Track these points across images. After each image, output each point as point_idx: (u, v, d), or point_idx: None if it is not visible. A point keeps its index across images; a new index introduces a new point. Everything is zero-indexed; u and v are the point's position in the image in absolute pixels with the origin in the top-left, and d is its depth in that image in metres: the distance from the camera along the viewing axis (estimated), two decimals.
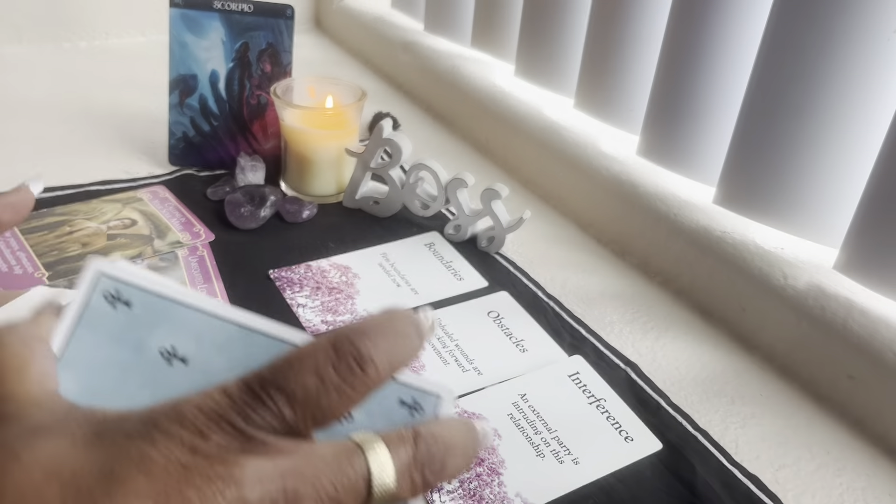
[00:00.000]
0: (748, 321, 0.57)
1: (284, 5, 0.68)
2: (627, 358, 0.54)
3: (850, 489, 0.46)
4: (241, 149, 0.72)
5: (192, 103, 0.70)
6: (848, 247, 0.52)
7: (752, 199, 0.57)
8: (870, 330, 0.49)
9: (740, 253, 0.57)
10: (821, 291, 0.52)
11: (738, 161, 0.58)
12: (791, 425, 0.50)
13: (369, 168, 0.66)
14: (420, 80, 0.93)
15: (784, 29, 0.52)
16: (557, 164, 0.73)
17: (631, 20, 0.66)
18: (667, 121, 0.64)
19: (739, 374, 0.54)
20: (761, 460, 0.47)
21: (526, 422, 0.47)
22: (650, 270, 0.65)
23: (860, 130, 0.51)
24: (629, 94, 0.68)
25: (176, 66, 0.69)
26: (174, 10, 0.68)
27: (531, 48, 0.78)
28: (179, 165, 0.72)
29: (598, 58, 0.70)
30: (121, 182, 0.68)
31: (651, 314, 0.60)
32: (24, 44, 0.95)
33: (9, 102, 0.82)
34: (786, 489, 0.45)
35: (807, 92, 0.52)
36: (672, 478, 0.45)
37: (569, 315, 0.58)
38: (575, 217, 0.72)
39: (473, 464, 0.31)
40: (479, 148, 0.84)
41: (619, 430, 0.47)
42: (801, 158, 0.53)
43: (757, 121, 0.55)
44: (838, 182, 0.53)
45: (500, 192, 0.62)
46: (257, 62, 0.70)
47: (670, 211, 0.62)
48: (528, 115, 0.77)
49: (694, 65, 0.60)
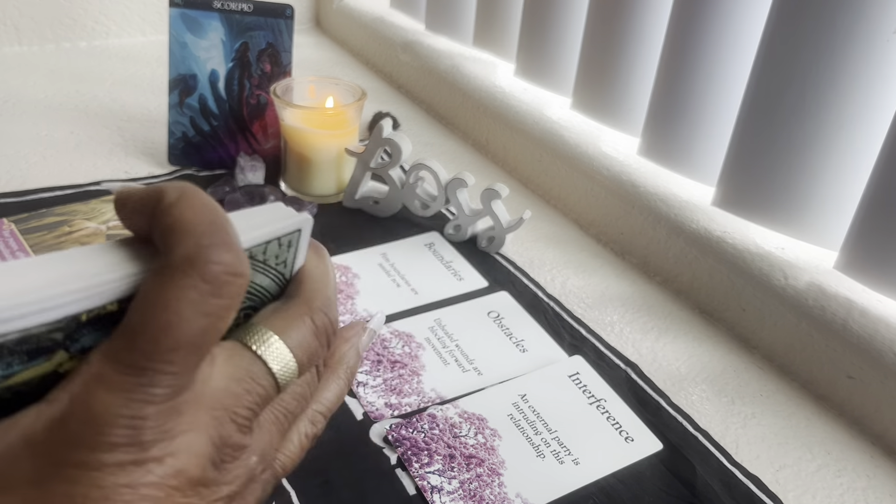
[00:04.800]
0: (748, 321, 0.57)
1: (284, 5, 0.68)
2: (627, 358, 0.54)
3: (850, 489, 0.46)
4: (241, 149, 0.72)
5: (192, 103, 0.70)
6: (848, 247, 0.52)
7: (751, 201, 0.57)
8: (869, 330, 0.49)
9: (740, 253, 0.57)
10: (821, 292, 0.52)
11: (737, 162, 0.58)
12: (791, 425, 0.50)
13: (369, 168, 0.66)
14: (420, 79, 0.93)
15: (784, 29, 0.52)
16: (558, 164, 0.73)
17: (631, 21, 0.66)
18: (667, 121, 0.64)
19: (740, 373, 0.54)
20: (761, 460, 0.47)
21: (526, 422, 0.47)
22: (650, 270, 0.65)
23: (860, 131, 0.51)
24: (628, 95, 0.68)
25: (176, 65, 0.69)
26: (174, 9, 0.68)
27: (532, 47, 0.78)
28: (179, 165, 0.72)
29: (596, 58, 0.70)
30: (121, 182, 0.68)
31: (651, 314, 0.60)
32: (24, 44, 0.95)
33: (9, 102, 0.82)
34: (786, 489, 0.45)
35: (806, 93, 0.52)
36: (672, 478, 0.45)
37: (569, 315, 0.58)
38: (575, 217, 0.72)
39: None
40: (479, 148, 0.84)
41: (620, 431, 0.47)
42: (801, 159, 0.53)
43: (756, 121, 0.55)
44: (838, 184, 0.53)
45: (501, 191, 0.62)
46: (257, 62, 0.70)
47: (670, 211, 0.62)
48: (528, 114, 0.77)
49: (694, 65, 0.60)
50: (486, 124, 0.82)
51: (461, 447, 0.45)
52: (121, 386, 0.21)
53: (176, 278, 0.21)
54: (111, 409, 0.20)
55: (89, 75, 0.90)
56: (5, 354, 0.21)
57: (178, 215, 0.22)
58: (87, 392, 0.21)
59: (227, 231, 0.22)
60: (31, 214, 0.61)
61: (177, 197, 0.22)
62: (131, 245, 0.23)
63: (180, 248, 0.21)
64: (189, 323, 0.21)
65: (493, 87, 0.82)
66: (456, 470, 0.43)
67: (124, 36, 1.02)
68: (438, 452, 0.44)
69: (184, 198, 0.22)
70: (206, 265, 0.21)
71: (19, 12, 0.94)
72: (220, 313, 0.22)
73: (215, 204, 0.23)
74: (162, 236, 0.22)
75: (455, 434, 0.45)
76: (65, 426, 0.21)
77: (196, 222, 0.22)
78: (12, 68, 0.90)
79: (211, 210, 0.22)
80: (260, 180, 0.69)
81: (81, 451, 0.20)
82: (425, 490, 0.42)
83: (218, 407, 0.23)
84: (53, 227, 0.60)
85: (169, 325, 0.21)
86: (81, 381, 0.21)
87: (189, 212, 0.22)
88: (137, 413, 0.21)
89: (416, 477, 0.43)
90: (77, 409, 0.21)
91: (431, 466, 0.43)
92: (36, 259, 0.22)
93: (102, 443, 0.20)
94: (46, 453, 0.20)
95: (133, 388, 0.21)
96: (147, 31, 1.02)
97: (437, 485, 0.42)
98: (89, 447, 0.20)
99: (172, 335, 0.21)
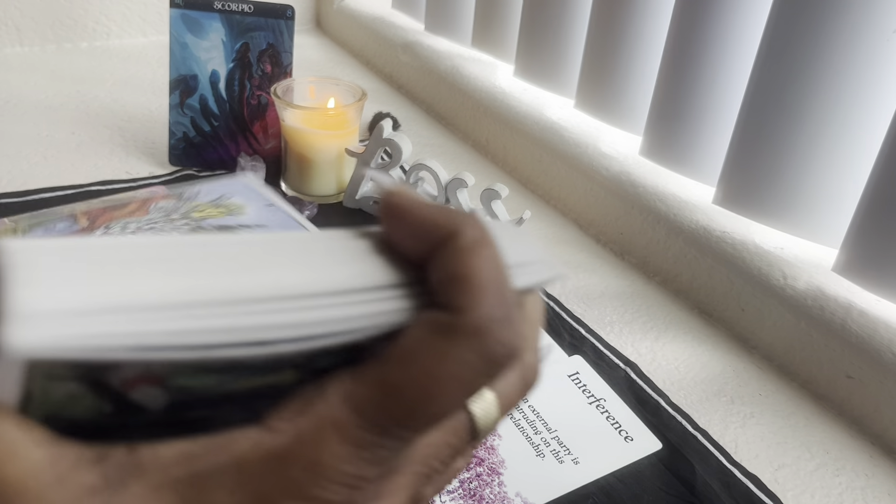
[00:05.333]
0: (747, 321, 0.57)
1: (285, 6, 0.68)
2: (627, 358, 0.54)
3: (849, 488, 0.46)
4: (242, 149, 0.72)
5: (193, 104, 0.70)
6: (847, 248, 0.52)
7: (751, 199, 0.58)
8: (868, 330, 0.50)
9: (740, 253, 0.57)
10: (820, 292, 0.53)
11: (738, 161, 0.58)
12: (790, 425, 0.51)
13: (369, 168, 0.66)
14: (420, 80, 0.93)
15: (784, 29, 0.52)
16: (557, 164, 0.73)
17: (632, 21, 0.66)
18: (668, 121, 0.64)
19: (739, 373, 0.55)
20: (760, 460, 0.47)
21: (526, 422, 0.47)
22: (649, 270, 0.65)
23: (860, 130, 0.51)
24: (630, 94, 0.68)
25: (176, 66, 0.69)
26: (175, 10, 0.68)
27: (531, 48, 0.78)
28: (180, 166, 0.72)
29: (598, 58, 0.70)
30: (121, 182, 0.68)
31: (650, 314, 0.60)
32: (25, 44, 0.96)
33: (10, 102, 0.82)
34: (785, 488, 0.45)
35: (807, 92, 0.52)
36: (672, 477, 0.45)
37: (568, 315, 0.58)
38: (575, 217, 0.72)
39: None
40: (479, 148, 0.84)
41: (619, 430, 0.47)
42: (801, 158, 0.53)
43: (757, 120, 0.55)
44: (838, 182, 0.53)
45: (500, 192, 0.62)
46: (258, 62, 0.70)
47: (670, 211, 0.63)
48: (528, 115, 0.77)
49: (695, 65, 0.60)
50: (485, 125, 0.82)
51: None
52: (355, 441, 0.18)
53: (458, 351, 0.18)
54: (338, 464, 0.18)
55: (90, 76, 0.90)
56: (238, 367, 0.18)
57: (475, 268, 0.19)
58: (318, 437, 0.18)
59: (512, 304, 0.19)
60: (33, 215, 0.61)
61: (474, 242, 0.19)
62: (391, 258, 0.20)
63: (470, 315, 0.18)
64: (452, 400, 0.19)
65: (493, 87, 0.82)
66: None
67: (125, 36, 1.02)
68: None
69: (483, 247, 0.19)
70: (493, 345, 0.18)
71: (20, 13, 0.94)
72: (479, 390, 0.19)
73: (502, 260, 0.20)
74: (447, 283, 0.19)
75: None
76: (284, 465, 0.18)
77: (491, 287, 0.19)
78: (13, 69, 0.90)
79: (503, 270, 0.19)
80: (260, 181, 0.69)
81: (294, 498, 0.18)
82: None
83: (420, 463, 0.21)
84: None
85: (432, 399, 0.18)
86: (315, 421, 0.18)
87: (486, 268, 0.19)
88: (361, 473, 0.19)
89: None
90: (302, 451, 0.18)
91: None
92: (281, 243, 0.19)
93: (318, 497, 0.18)
94: (257, 489, 0.18)
95: (366, 447, 0.18)
96: (148, 32, 1.03)
97: None
98: (303, 497, 0.18)
99: (431, 410, 0.19)
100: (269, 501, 0.18)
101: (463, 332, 0.18)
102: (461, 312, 0.18)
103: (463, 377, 0.18)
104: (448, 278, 0.19)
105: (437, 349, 0.18)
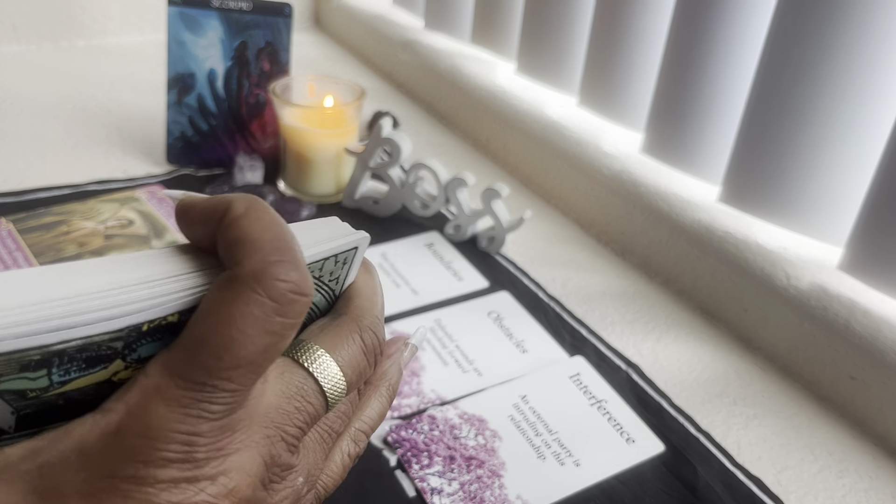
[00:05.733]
0: (750, 321, 0.57)
1: (283, 3, 0.68)
2: (629, 359, 0.54)
3: (853, 490, 0.46)
4: (240, 148, 0.71)
5: (191, 102, 0.70)
6: (852, 246, 0.51)
7: (756, 197, 0.57)
8: (872, 330, 0.49)
9: (742, 253, 0.57)
10: (823, 292, 0.52)
11: (742, 159, 0.57)
12: (793, 426, 0.50)
13: (369, 167, 0.65)
14: (420, 78, 0.93)
15: (790, 25, 0.52)
16: (558, 163, 0.73)
17: (635, 17, 0.65)
18: (671, 118, 0.63)
19: (741, 374, 0.54)
20: (763, 462, 0.47)
21: (527, 423, 0.47)
22: (651, 270, 0.65)
23: (864, 128, 0.50)
24: (633, 91, 0.68)
25: (174, 64, 0.69)
26: (172, 8, 0.67)
27: (533, 45, 0.78)
28: (177, 165, 0.72)
29: (601, 55, 0.69)
30: (118, 181, 0.68)
31: (652, 315, 0.59)
32: (21, 42, 0.95)
33: (6, 101, 0.81)
34: (788, 491, 0.45)
35: (811, 90, 0.51)
36: (674, 480, 0.44)
37: (570, 315, 0.57)
38: (576, 216, 0.72)
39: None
40: (480, 147, 0.84)
41: (621, 432, 0.47)
42: (806, 156, 0.53)
43: (761, 119, 0.55)
44: (842, 180, 0.52)
45: (501, 191, 0.62)
46: (256, 61, 0.69)
47: (672, 210, 0.62)
48: (528, 113, 0.77)
49: (698, 62, 0.60)
50: (486, 123, 0.82)
51: (461, 448, 0.44)
52: (178, 401, 0.20)
53: (241, 294, 0.21)
54: (168, 424, 0.20)
55: (87, 74, 0.90)
56: (65, 361, 0.20)
57: (245, 228, 0.21)
58: (144, 404, 0.20)
59: (294, 248, 0.22)
60: (29, 214, 0.61)
61: (244, 209, 0.22)
62: (191, 253, 0.23)
63: (247, 262, 0.21)
64: (252, 340, 0.21)
65: (494, 85, 0.82)
66: (456, 471, 0.43)
67: (122, 35, 1.01)
68: (438, 454, 0.44)
69: (251, 211, 0.22)
70: (273, 282, 0.21)
71: (17, 11, 0.93)
72: (283, 332, 0.21)
73: (281, 219, 0.22)
74: (227, 249, 0.21)
75: (455, 435, 0.45)
76: (120, 438, 0.20)
77: (263, 237, 0.21)
78: (10, 67, 0.90)
79: (278, 225, 0.22)
80: (259, 180, 0.68)
81: (135, 465, 0.20)
82: (425, 492, 0.42)
83: (270, 425, 0.23)
84: (51, 226, 0.60)
85: (232, 341, 0.20)
86: (139, 393, 0.21)
87: (257, 226, 0.21)
88: (193, 429, 0.20)
89: (415, 478, 0.42)
90: (133, 422, 0.20)
91: (431, 468, 0.43)
92: (98, 261, 0.21)
93: (157, 458, 0.20)
94: (99, 465, 0.20)
95: (190, 404, 0.20)
96: (145, 30, 1.02)
97: (437, 486, 0.42)
98: (143, 461, 0.20)
99: (235, 352, 0.20)
100: (113, 472, 0.20)
101: (243, 278, 0.21)
102: (239, 264, 0.21)
103: (255, 317, 0.20)
104: (228, 244, 0.21)
105: (224, 299, 0.21)
